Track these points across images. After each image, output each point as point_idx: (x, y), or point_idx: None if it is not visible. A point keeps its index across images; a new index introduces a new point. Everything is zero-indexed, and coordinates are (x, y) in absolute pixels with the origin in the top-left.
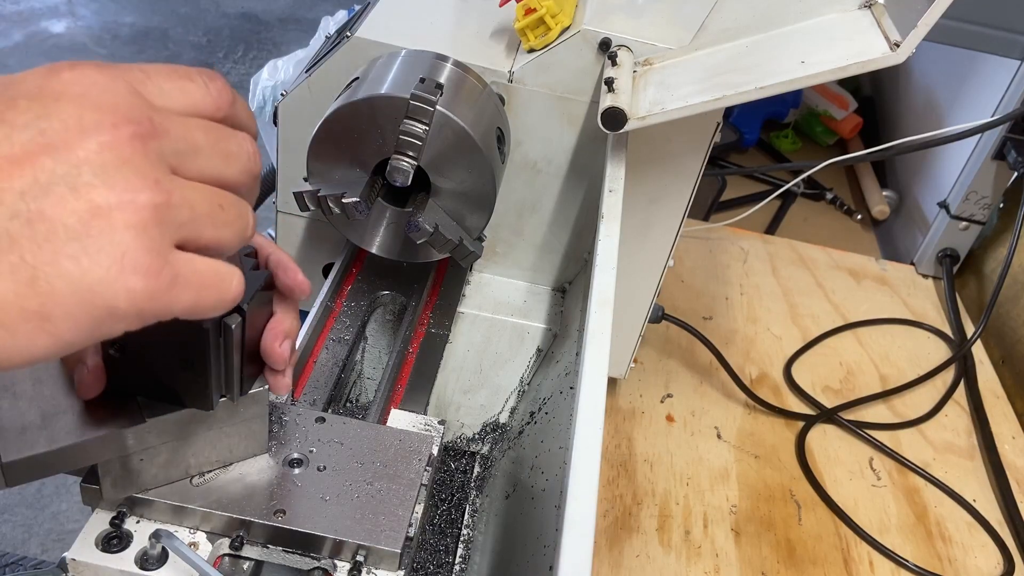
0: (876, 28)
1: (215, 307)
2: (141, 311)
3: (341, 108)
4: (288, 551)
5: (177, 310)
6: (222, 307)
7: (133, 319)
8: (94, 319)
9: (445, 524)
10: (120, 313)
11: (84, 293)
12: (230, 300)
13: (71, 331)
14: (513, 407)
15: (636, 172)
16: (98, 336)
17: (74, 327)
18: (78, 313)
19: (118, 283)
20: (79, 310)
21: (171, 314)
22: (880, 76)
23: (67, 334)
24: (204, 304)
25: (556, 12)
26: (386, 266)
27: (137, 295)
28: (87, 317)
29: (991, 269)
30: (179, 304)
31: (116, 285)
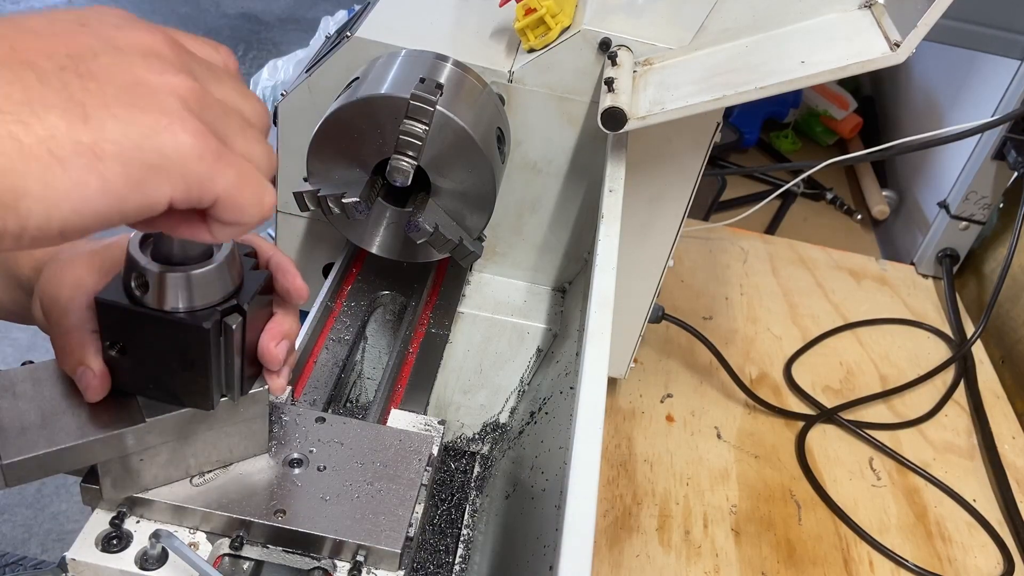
0: (876, 28)
1: (253, 204)
2: (187, 172)
3: (341, 108)
4: (288, 551)
5: (219, 189)
6: (259, 210)
7: (179, 181)
8: (144, 167)
9: (445, 524)
10: (168, 167)
11: (135, 138)
12: (268, 206)
13: (121, 177)
14: (513, 407)
15: (636, 172)
16: (144, 197)
17: (124, 173)
18: (129, 157)
19: (168, 134)
20: (130, 154)
21: (213, 194)
22: (880, 76)
23: (117, 180)
24: (244, 195)
25: (556, 12)
26: (386, 266)
27: (185, 151)
28: (137, 164)
29: (991, 269)
30: (222, 181)
31: (166, 136)
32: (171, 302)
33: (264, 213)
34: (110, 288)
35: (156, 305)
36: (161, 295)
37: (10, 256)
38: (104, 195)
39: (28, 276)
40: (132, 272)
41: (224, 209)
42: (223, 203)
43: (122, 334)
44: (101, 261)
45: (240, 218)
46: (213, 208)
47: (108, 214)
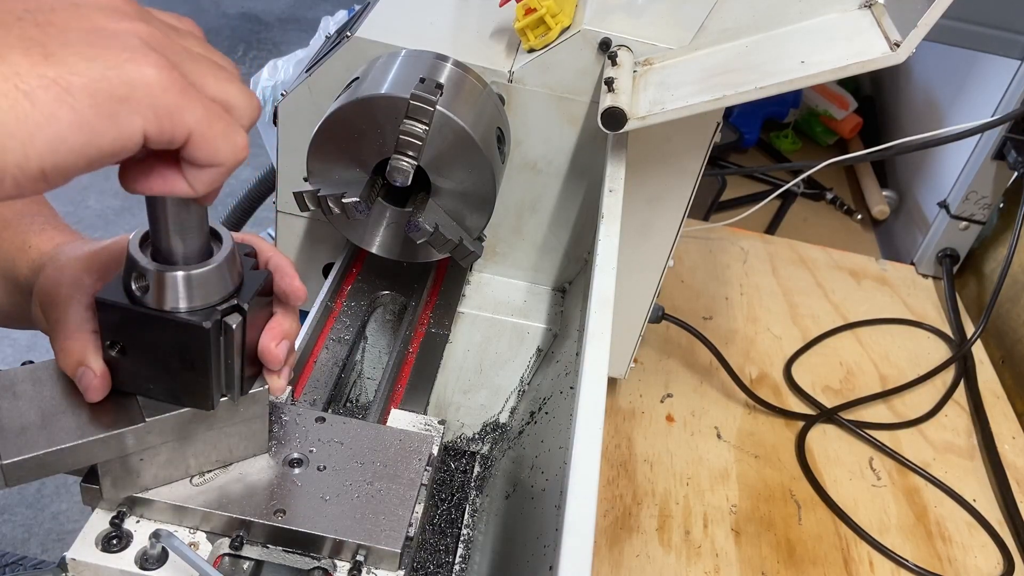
0: (876, 28)
1: (225, 140)
2: (155, 103)
3: (341, 108)
4: (288, 551)
5: (190, 122)
6: (231, 148)
7: (148, 112)
8: (113, 99)
9: (445, 524)
10: (137, 97)
11: (100, 70)
12: (240, 146)
13: (91, 109)
14: (513, 407)
15: (636, 172)
16: (117, 130)
17: (93, 104)
18: (96, 88)
19: (131, 65)
20: (97, 85)
21: (184, 128)
22: (880, 76)
23: (87, 112)
24: (215, 131)
25: (556, 12)
26: (386, 266)
27: (151, 81)
28: (105, 96)
29: (991, 269)
30: (191, 115)
31: (130, 67)
32: (171, 302)
33: (237, 153)
34: (110, 288)
35: (156, 305)
36: (161, 295)
37: (7, 258)
38: (78, 129)
39: (26, 276)
40: (132, 272)
41: (197, 147)
42: (195, 140)
43: (122, 334)
44: (99, 261)
45: (214, 157)
46: (186, 147)
47: (85, 151)
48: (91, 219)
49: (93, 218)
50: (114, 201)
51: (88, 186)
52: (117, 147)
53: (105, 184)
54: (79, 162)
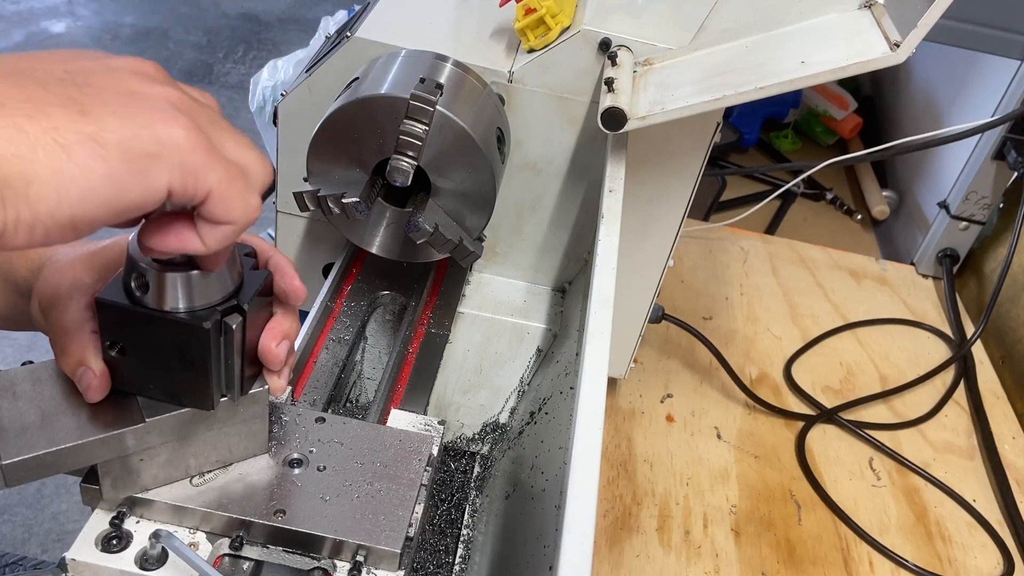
0: (876, 28)
1: (241, 201)
2: (183, 161)
3: (341, 108)
4: (288, 551)
5: (212, 181)
6: (245, 209)
7: (176, 169)
8: (143, 155)
9: (445, 524)
10: (165, 156)
11: (133, 128)
12: (254, 207)
13: (123, 163)
14: (513, 407)
15: (636, 172)
16: (145, 185)
17: (125, 160)
18: (129, 145)
19: (162, 125)
20: (130, 143)
21: (206, 186)
22: (880, 76)
23: (119, 166)
24: (234, 191)
25: (556, 12)
26: (386, 266)
27: (180, 141)
28: (137, 152)
29: (991, 269)
30: (214, 174)
31: (160, 127)
32: (171, 302)
33: (250, 213)
34: (110, 288)
35: (156, 305)
36: (161, 295)
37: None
38: (109, 182)
39: (25, 278)
40: (132, 272)
41: (215, 204)
42: (214, 198)
43: (122, 334)
44: (99, 261)
45: (229, 215)
46: (204, 205)
47: (114, 203)
48: None
49: None
50: None
51: None
52: (144, 201)
53: None
54: (107, 213)
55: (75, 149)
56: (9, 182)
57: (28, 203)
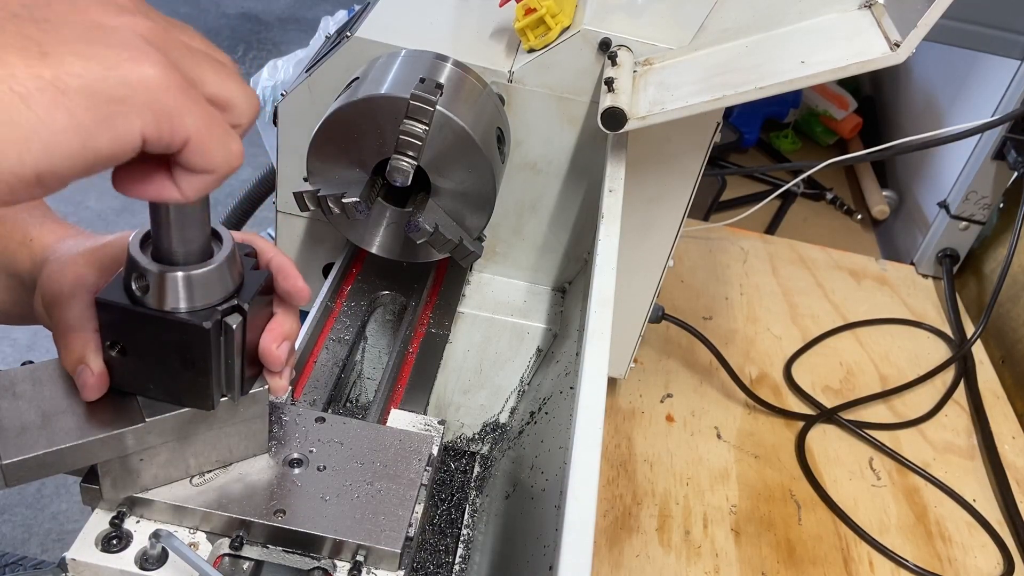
0: (876, 28)
1: (221, 147)
2: (155, 105)
3: (341, 108)
4: (288, 551)
5: (189, 126)
6: (226, 155)
7: (147, 114)
8: (111, 100)
9: (445, 524)
10: (135, 99)
11: (98, 70)
12: (235, 153)
13: (88, 111)
14: (513, 407)
15: (636, 172)
16: (114, 133)
17: (90, 107)
18: (94, 89)
19: (131, 64)
20: (95, 86)
21: (183, 132)
22: (880, 76)
23: (84, 114)
24: (213, 137)
25: (556, 12)
26: (386, 266)
27: (151, 82)
28: (103, 97)
29: (991, 269)
30: (191, 118)
31: (128, 66)
32: (171, 302)
33: (232, 161)
34: (110, 288)
35: (156, 305)
36: (161, 295)
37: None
38: (74, 132)
39: (28, 271)
40: (132, 272)
41: (193, 152)
42: (192, 145)
43: (122, 334)
44: (102, 258)
45: (209, 163)
46: (182, 152)
47: (82, 155)
48: (91, 219)
49: (93, 218)
50: (114, 201)
51: (88, 186)
52: (115, 151)
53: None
54: (75, 167)
55: (35, 98)
56: None
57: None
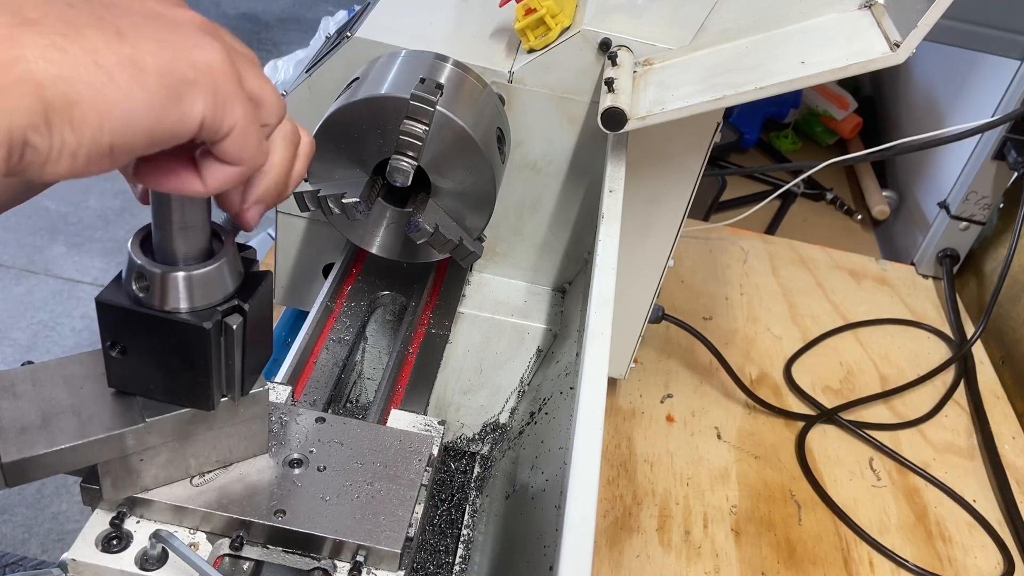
0: (876, 28)
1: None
2: (217, 88)
3: (341, 108)
4: (288, 551)
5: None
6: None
7: (210, 96)
8: (181, 80)
9: (445, 524)
10: (202, 82)
11: (170, 52)
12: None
13: (161, 89)
14: (513, 407)
15: (636, 172)
16: (180, 112)
17: (164, 85)
18: (167, 69)
19: (198, 50)
20: (168, 66)
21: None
22: (880, 76)
23: (158, 91)
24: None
25: (556, 12)
26: (386, 266)
27: (216, 66)
28: (175, 77)
29: (991, 269)
30: (240, 108)
31: (197, 52)
32: (172, 302)
33: (260, 158)
34: (111, 289)
35: (157, 305)
36: (162, 295)
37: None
38: (149, 107)
39: None
40: (133, 273)
41: (233, 141)
42: (235, 135)
43: (123, 334)
44: None
45: (242, 155)
46: (222, 141)
47: (152, 131)
48: (91, 219)
49: (93, 218)
50: (114, 201)
51: (89, 186)
52: (178, 130)
53: (105, 184)
54: (144, 141)
55: (116, 72)
56: (54, 105)
57: (72, 129)
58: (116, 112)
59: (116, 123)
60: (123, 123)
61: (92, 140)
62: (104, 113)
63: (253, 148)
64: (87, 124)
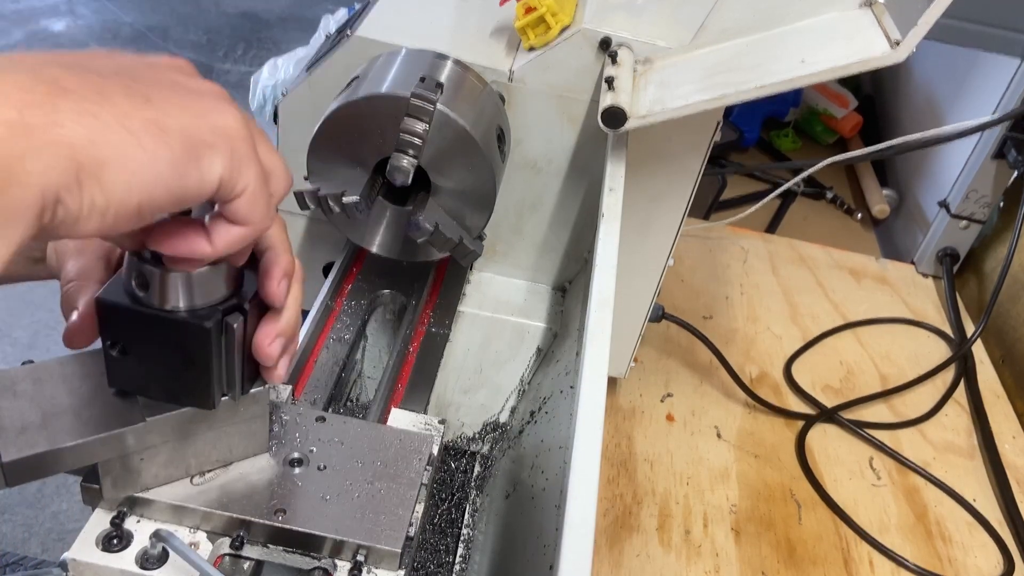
0: (876, 27)
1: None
2: (234, 149)
3: (341, 107)
4: (288, 551)
5: (250, 176)
6: (268, 212)
7: (228, 157)
8: (201, 143)
9: (445, 524)
10: (220, 144)
11: (192, 116)
12: (272, 216)
13: (184, 150)
14: (513, 406)
15: (636, 171)
16: (200, 173)
17: (186, 146)
18: (189, 132)
19: (217, 114)
20: (190, 130)
21: (244, 181)
22: (880, 75)
23: (181, 152)
24: (262, 194)
25: (556, 11)
26: (386, 265)
27: (234, 129)
28: (196, 140)
29: (991, 268)
30: (252, 170)
31: (216, 115)
32: (172, 301)
33: (266, 222)
34: (111, 288)
35: (157, 305)
36: (162, 295)
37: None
38: (172, 168)
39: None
40: (133, 272)
41: (243, 203)
42: (246, 196)
43: (123, 334)
44: None
45: (252, 216)
46: (233, 202)
47: (175, 190)
48: None
49: None
50: None
51: None
52: (199, 189)
53: None
54: (168, 201)
55: (142, 135)
56: (85, 167)
57: (102, 188)
58: (143, 173)
59: (143, 183)
60: (150, 183)
61: (120, 200)
62: (132, 174)
63: (262, 210)
64: (116, 185)
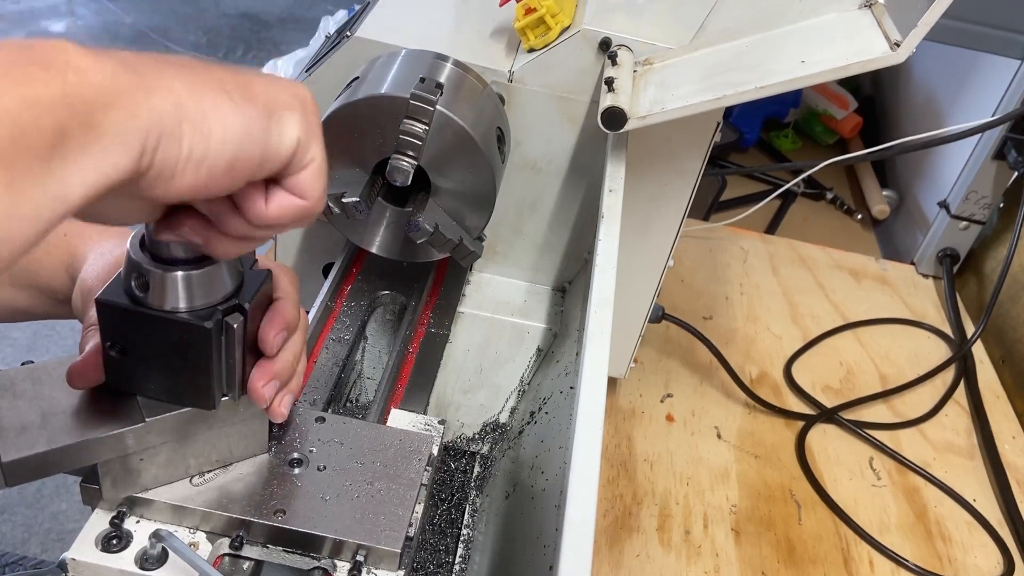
0: (876, 27)
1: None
2: (309, 121)
3: (341, 108)
4: (288, 551)
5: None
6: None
7: (303, 126)
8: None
9: (445, 524)
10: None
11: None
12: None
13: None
14: (513, 407)
15: (636, 172)
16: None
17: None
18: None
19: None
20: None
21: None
22: (880, 76)
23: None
24: (324, 168)
25: (556, 12)
26: (386, 266)
27: (308, 105)
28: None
29: (991, 269)
30: (319, 144)
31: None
32: (172, 302)
33: (321, 204)
34: (110, 288)
35: (157, 305)
36: (162, 295)
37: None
38: (259, 124)
39: (48, 279)
40: (132, 272)
41: (311, 174)
42: (312, 169)
43: (123, 334)
44: None
45: (313, 190)
46: (299, 173)
47: (262, 147)
48: None
49: None
50: None
51: None
52: (279, 150)
53: None
54: (256, 157)
55: (234, 94)
56: (188, 115)
57: (201, 137)
58: (235, 127)
59: (235, 136)
60: (240, 136)
61: (216, 152)
62: (226, 127)
63: (320, 189)
64: (213, 136)
